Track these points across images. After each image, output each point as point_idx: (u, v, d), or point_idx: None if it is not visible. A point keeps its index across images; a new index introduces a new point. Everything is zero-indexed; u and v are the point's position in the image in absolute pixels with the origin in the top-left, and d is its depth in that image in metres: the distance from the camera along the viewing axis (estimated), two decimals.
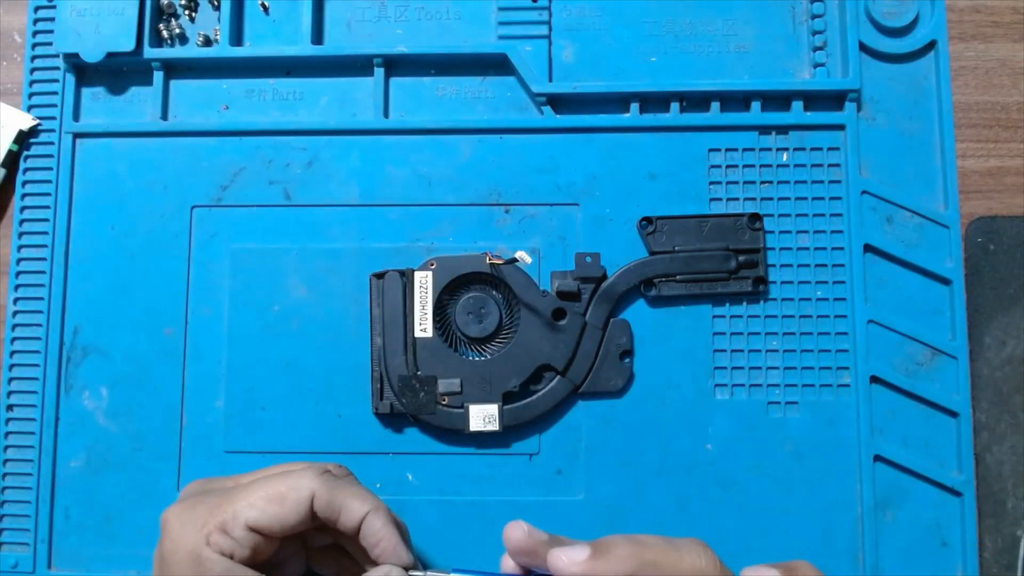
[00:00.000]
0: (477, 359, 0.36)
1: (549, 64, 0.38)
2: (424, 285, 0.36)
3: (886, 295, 0.37)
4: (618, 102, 0.38)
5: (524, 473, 0.36)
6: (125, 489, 0.37)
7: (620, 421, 0.36)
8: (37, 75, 0.39)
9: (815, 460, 0.36)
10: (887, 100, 0.38)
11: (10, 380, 0.38)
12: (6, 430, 0.37)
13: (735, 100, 0.38)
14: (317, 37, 0.39)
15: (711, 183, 0.38)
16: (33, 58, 0.39)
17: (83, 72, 0.39)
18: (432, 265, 0.36)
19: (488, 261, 0.36)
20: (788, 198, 0.37)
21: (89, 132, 0.39)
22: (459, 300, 0.37)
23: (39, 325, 0.38)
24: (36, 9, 0.40)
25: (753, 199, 0.37)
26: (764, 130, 0.38)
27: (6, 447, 0.37)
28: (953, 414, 0.36)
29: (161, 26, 0.39)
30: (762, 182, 0.38)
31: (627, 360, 0.37)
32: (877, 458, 0.36)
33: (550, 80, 0.38)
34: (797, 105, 0.38)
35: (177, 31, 0.39)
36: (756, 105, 0.38)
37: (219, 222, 0.38)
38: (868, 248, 0.37)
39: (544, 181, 0.38)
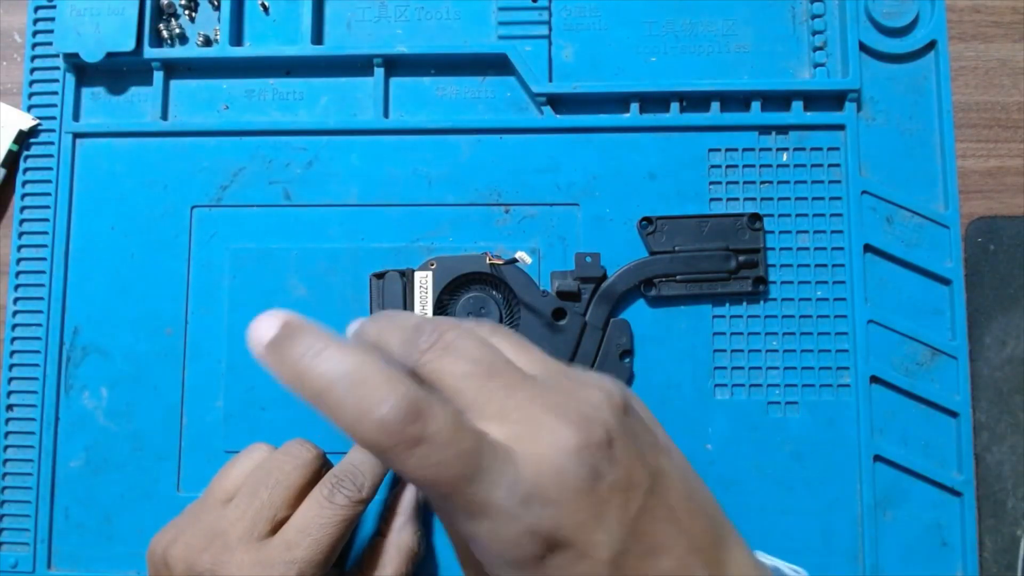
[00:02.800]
0: None
1: (549, 64, 0.38)
2: (424, 285, 0.36)
3: (886, 295, 0.37)
4: (618, 102, 0.38)
5: None
6: (125, 489, 0.37)
7: None
8: (37, 75, 0.39)
9: (815, 460, 0.36)
10: (887, 100, 0.38)
11: (10, 380, 0.38)
12: (6, 430, 0.37)
13: (735, 100, 0.38)
14: (317, 37, 0.39)
15: (711, 183, 0.38)
16: (33, 58, 0.39)
17: (83, 72, 0.39)
18: (432, 265, 0.36)
19: (488, 261, 0.36)
20: (788, 198, 0.37)
21: (89, 132, 0.39)
22: (459, 300, 0.37)
23: (39, 325, 0.38)
24: (36, 9, 0.40)
25: (753, 199, 0.37)
26: (764, 130, 0.38)
27: (6, 447, 0.37)
28: (953, 414, 0.36)
29: (161, 26, 0.39)
30: (762, 182, 0.38)
31: (627, 360, 0.37)
32: (877, 458, 0.36)
33: (550, 80, 0.38)
34: (797, 105, 0.38)
35: (177, 31, 0.39)
36: (756, 105, 0.38)
37: (219, 222, 0.38)
38: (868, 248, 0.37)
39: (544, 181, 0.38)
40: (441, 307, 0.36)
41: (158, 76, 0.39)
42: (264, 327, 0.21)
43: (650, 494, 0.21)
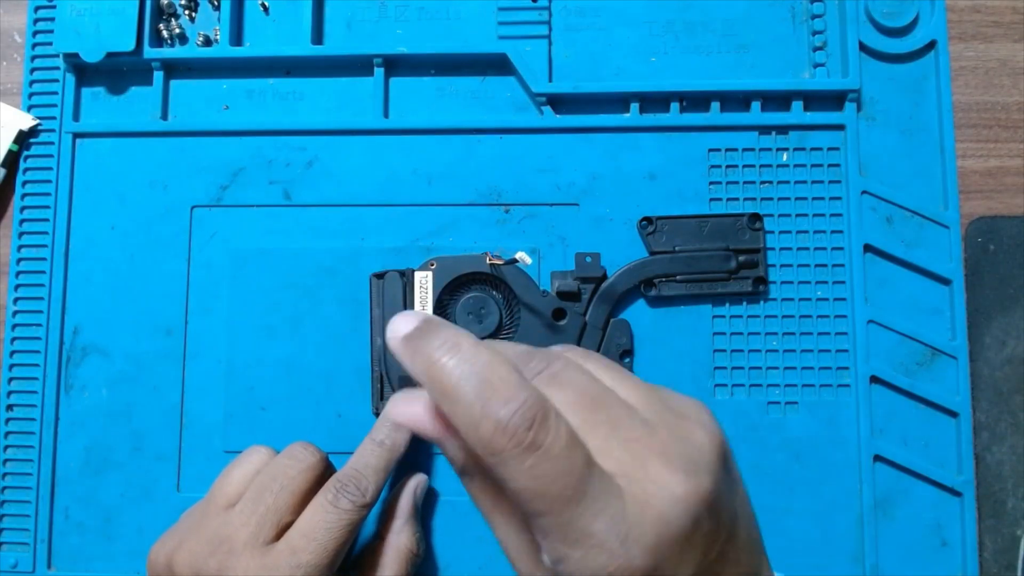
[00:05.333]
0: None
1: (549, 64, 0.38)
2: (424, 285, 0.36)
3: (886, 295, 0.37)
4: (618, 102, 0.38)
5: None
6: (125, 489, 0.37)
7: None
8: (37, 75, 0.39)
9: (815, 460, 0.36)
10: (887, 100, 0.38)
11: (10, 380, 0.38)
12: (6, 430, 0.37)
13: (735, 100, 0.38)
14: (317, 37, 0.39)
15: (711, 183, 0.38)
16: (33, 58, 0.39)
17: (83, 72, 0.39)
18: (432, 265, 0.36)
19: (488, 261, 0.36)
20: (788, 198, 0.37)
21: (89, 132, 0.39)
22: (459, 300, 0.37)
23: (39, 325, 0.38)
24: (36, 9, 0.40)
25: (753, 199, 0.37)
26: (764, 130, 0.38)
27: (6, 447, 0.37)
28: (953, 414, 0.36)
29: (161, 26, 0.39)
30: (762, 182, 0.38)
31: (627, 360, 0.37)
32: (877, 458, 0.36)
33: (550, 80, 0.38)
34: (797, 105, 0.38)
35: (177, 31, 0.39)
36: (756, 105, 0.38)
37: (219, 222, 0.38)
38: (868, 248, 0.37)
39: (544, 181, 0.38)
40: (441, 307, 0.36)
41: (158, 76, 0.39)
42: (404, 322, 0.21)
43: (727, 540, 0.21)
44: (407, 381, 0.35)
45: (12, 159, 0.39)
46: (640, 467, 0.20)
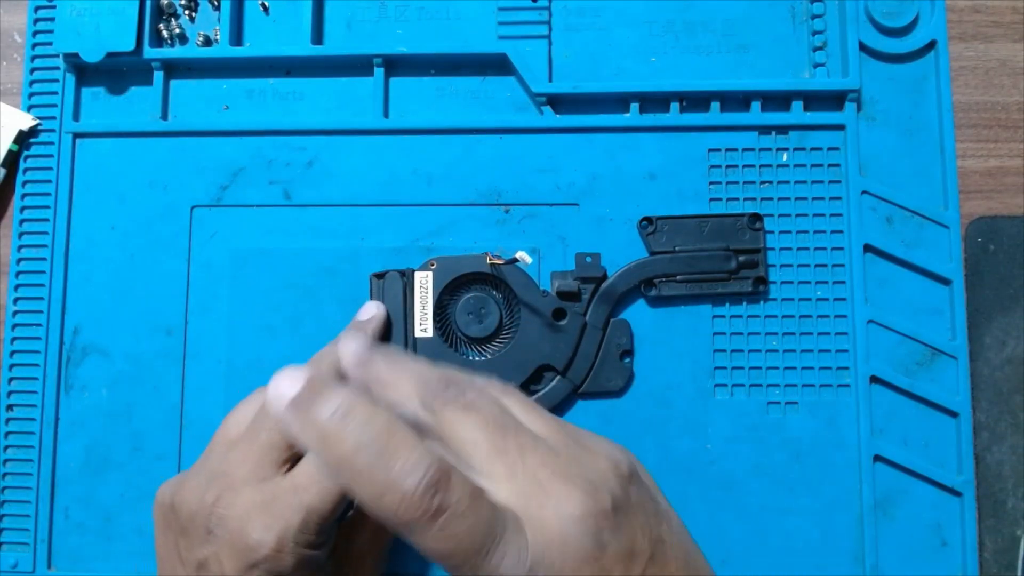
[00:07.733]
0: (477, 359, 0.36)
1: (549, 64, 0.38)
2: (424, 285, 0.36)
3: (886, 295, 0.37)
4: (618, 102, 0.38)
5: None
6: (125, 489, 0.37)
7: (620, 421, 0.36)
8: (37, 75, 0.39)
9: (815, 460, 0.36)
10: (887, 100, 0.38)
11: (10, 380, 0.38)
12: (6, 430, 0.37)
13: (735, 100, 0.38)
14: (317, 37, 0.39)
15: (711, 183, 0.38)
16: (33, 58, 0.39)
17: (83, 72, 0.39)
18: (432, 265, 0.36)
19: (488, 261, 0.36)
20: (788, 198, 0.37)
21: (89, 132, 0.39)
22: (459, 300, 0.37)
23: (39, 325, 0.38)
24: (36, 9, 0.40)
25: (753, 199, 0.37)
26: (764, 130, 0.38)
27: (6, 447, 0.37)
28: (953, 414, 0.36)
29: (161, 26, 0.39)
30: (762, 182, 0.38)
31: (627, 360, 0.37)
32: (877, 458, 0.36)
33: (550, 80, 0.38)
34: (797, 105, 0.38)
35: (177, 31, 0.39)
36: (756, 105, 0.38)
37: (219, 222, 0.38)
38: (868, 248, 0.37)
39: (544, 181, 0.38)
40: (441, 307, 0.36)
41: (158, 76, 0.39)
42: (286, 384, 0.21)
43: (651, 563, 0.21)
44: None
45: (12, 159, 0.39)
46: (541, 490, 0.20)
